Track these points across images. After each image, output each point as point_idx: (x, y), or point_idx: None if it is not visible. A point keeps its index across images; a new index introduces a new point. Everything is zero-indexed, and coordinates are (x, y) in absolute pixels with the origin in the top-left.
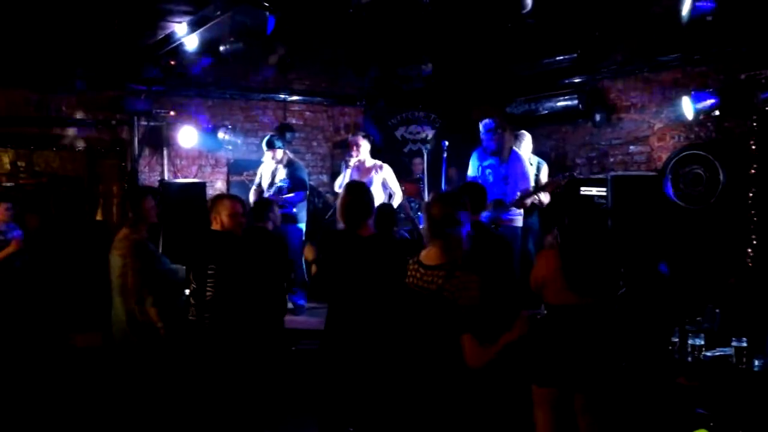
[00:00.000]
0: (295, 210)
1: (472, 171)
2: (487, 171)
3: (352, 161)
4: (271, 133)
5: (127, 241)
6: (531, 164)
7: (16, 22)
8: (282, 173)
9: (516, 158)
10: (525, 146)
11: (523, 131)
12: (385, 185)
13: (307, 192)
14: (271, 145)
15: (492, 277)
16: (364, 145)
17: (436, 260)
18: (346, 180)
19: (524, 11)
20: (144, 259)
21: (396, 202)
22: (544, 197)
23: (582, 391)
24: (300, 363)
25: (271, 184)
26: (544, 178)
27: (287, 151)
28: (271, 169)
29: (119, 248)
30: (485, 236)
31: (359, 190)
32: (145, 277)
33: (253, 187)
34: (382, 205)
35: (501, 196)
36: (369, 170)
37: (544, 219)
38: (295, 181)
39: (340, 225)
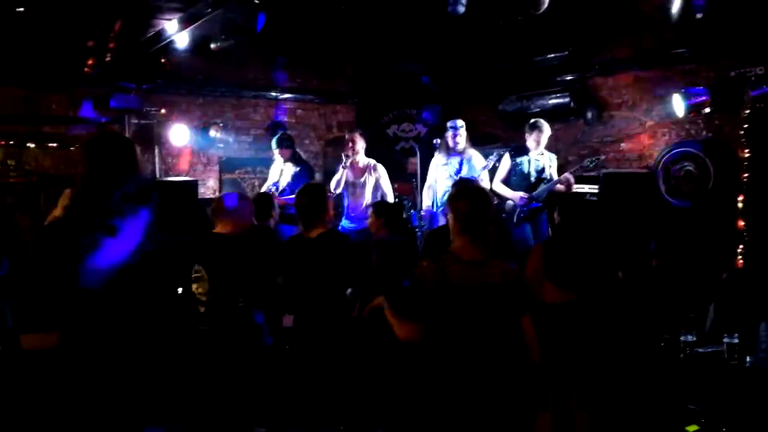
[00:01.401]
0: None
1: (437, 174)
2: (443, 168)
3: (349, 161)
4: (281, 132)
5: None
6: (542, 154)
7: (3, 19)
8: (289, 174)
9: (471, 158)
10: (544, 137)
11: (541, 119)
12: (377, 186)
13: None
14: (281, 144)
15: None
16: (360, 143)
17: (480, 254)
18: (342, 179)
19: (540, 11)
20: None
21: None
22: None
23: (580, 390)
24: (293, 361)
25: (278, 183)
26: (554, 172)
27: (298, 151)
28: (279, 168)
29: None
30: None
31: (313, 191)
32: None
33: (265, 186)
34: (383, 202)
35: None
36: (363, 170)
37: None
38: (296, 187)
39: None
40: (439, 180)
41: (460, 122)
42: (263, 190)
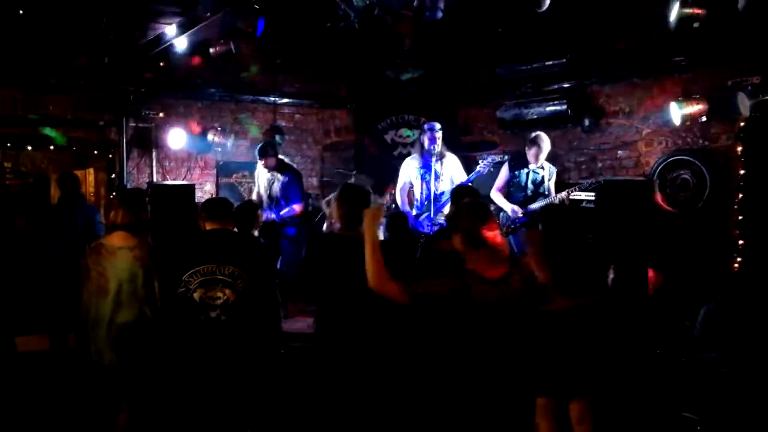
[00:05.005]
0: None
1: (412, 176)
2: (423, 171)
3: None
4: (262, 142)
5: (145, 245)
6: (542, 167)
7: (2, 20)
8: (277, 185)
9: (451, 162)
10: (543, 152)
11: (541, 134)
12: None
13: (304, 202)
14: (262, 154)
15: None
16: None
17: (497, 271)
18: None
19: (541, 10)
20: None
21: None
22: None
23: (579, 397)
24: (291, 364)
25: (270, 196)
26: (553, 185)
27: (280, 156)
28: (266, 177)
29: (135, 251)
30: None
31: (361, 195)
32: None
33: (254, 194)
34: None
35: (435, 196)
36: None
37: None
38: (288, 194)
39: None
40: (416, 185)
41: (437, 125)
42: (253, 195)
